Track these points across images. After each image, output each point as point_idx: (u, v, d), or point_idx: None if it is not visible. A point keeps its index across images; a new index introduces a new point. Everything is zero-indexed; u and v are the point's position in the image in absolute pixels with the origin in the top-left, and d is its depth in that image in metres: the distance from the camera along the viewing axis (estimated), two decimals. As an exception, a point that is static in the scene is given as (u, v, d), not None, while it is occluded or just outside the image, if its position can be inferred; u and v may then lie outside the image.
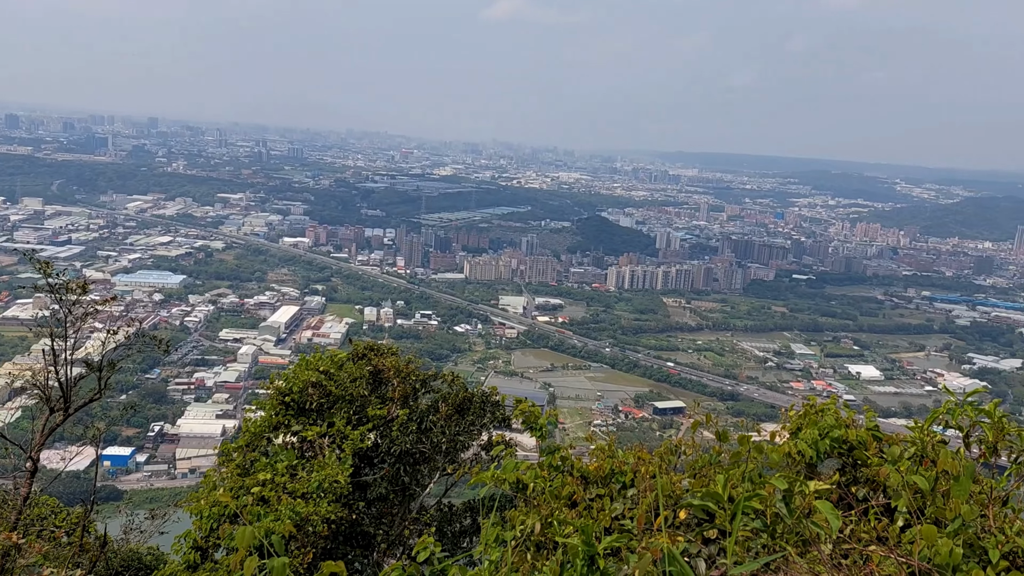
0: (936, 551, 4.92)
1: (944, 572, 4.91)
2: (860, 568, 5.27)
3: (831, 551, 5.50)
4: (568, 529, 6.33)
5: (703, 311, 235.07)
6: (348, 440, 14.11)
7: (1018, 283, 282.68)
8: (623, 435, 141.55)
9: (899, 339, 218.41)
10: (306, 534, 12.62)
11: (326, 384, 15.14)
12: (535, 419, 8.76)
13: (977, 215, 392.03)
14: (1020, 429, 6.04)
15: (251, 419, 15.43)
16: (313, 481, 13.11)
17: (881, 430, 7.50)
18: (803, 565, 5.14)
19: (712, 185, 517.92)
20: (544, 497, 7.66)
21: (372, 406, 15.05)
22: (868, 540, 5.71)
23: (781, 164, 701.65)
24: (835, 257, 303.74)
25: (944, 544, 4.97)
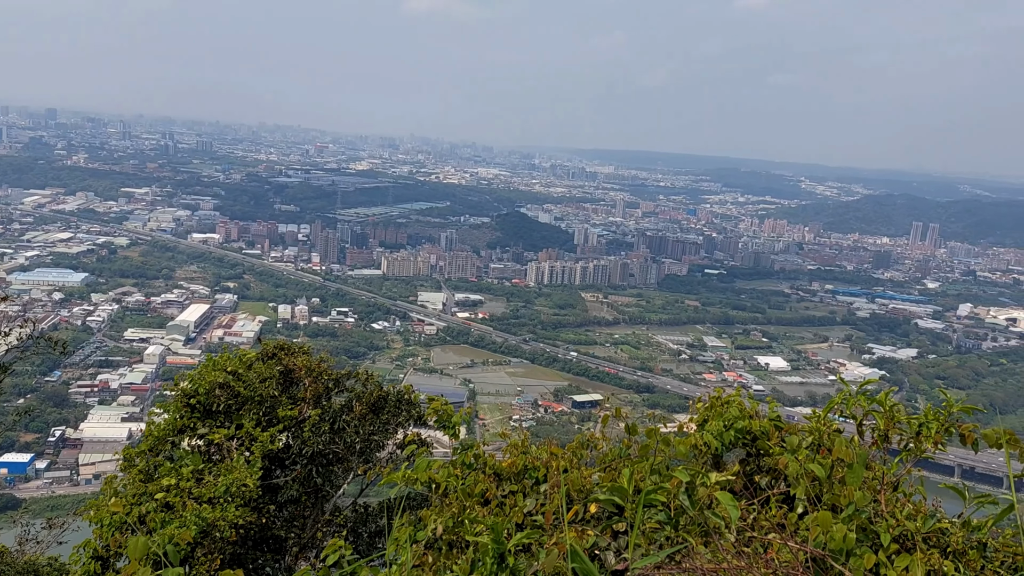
0: (831, 537, 5.08)
1: (838, 557, 5.08)
2: (761, 556, 5.40)
3: (735, 539, 5.63)
4: (479, 527, 6.29)
5: (620, 305, 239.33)
6: (257, 442, 13.69)
7: (913, 276, 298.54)
8: (543, 429, 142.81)
9: (804, 331, 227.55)
10: (213, 540, 12.20)
11: (234, 385, 14.64)
12: (448, 417, 8.67)
13: (875, 212, 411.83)
14: (910, 417, 6.31)
15: (154, 422, 14.80)
16: (220, 485, 12.68)
17: (783, 420, 7.74)
18: (706, 555, 5.24)
19: (628, 182, 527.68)
20: (456, 495, 7.59)
21: (283, 407, 14.64)
22: (769, 528, 5.87)
23: (694, 162, 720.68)
24: (745, 252, 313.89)
25: (838, 530, 5.14)
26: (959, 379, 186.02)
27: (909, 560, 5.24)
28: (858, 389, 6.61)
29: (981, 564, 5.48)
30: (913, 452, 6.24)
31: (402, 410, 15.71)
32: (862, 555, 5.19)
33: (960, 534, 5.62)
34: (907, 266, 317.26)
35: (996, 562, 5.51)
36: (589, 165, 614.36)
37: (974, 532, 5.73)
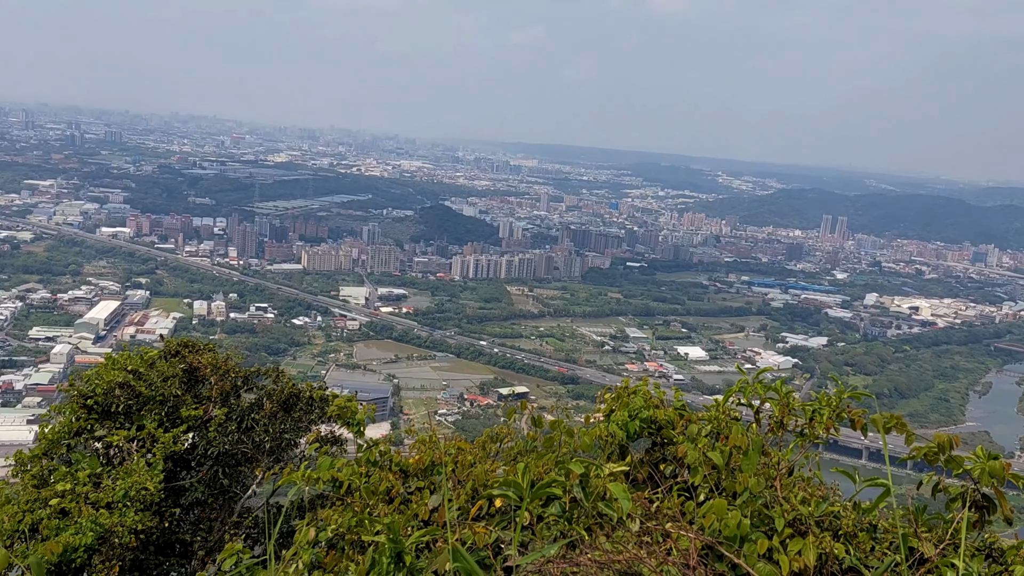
0: (725, 524, 5.13)
1: (732, 544, 5.13)
2: (660, 545, 5.42)
3: (638, 529, 5.64)
4: (379, 526, 6.13)
5: (545, 298, 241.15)
6: (159, 444, 13.15)
7: (823, 267, 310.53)
8: (468, 423, 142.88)
9: (722, 321, 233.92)
10: (111, 547, 11.69)
11: (135, 384, 14.02)
12: (352, 415, 8.45)
13: (788, 205, 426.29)
14: (804, 403, 6.44)
15: (48, 425, 14.05)
16: (119, 489, 12.13)
17: (688, 408, 7.82)
18: (606, 545, 5.22)
19: (552, 176, 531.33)
20: (359, 494, 7.41)
21: (187, 406, 14.09)
22: (670, 516, 5.90)
23: (616, 157, 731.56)
24: (665, 245, 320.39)
25: (733, 516, 5.19)
26: (866, 365, 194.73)
27: (802, 544, 5.34)
28: (755, 377, 6.71)
29: (871, 545, 5.63)
30: (808, 437, 6.38)
31: (315, 408, 15.32)
32: (756, 540, 5.26)
33: (851, 517, 5.77)
34: (818, 257, 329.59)
35: (885, 543, 5.67)
36: (513, 158, 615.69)
37: (865, 514, 5.89)
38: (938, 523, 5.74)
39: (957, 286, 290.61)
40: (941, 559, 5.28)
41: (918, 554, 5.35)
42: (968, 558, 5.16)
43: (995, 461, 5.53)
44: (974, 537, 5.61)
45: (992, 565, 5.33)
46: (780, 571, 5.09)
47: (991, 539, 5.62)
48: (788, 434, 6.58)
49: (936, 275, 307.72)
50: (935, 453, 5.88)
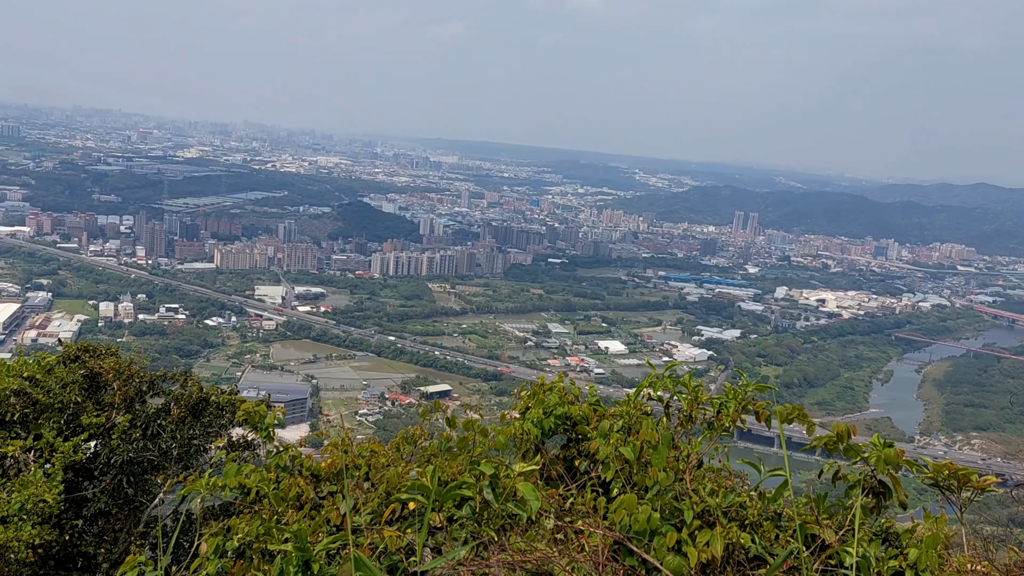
0: (635, 518, 5.18)
1: (642, 538, 5.18)
2: (573, 542, 5.43)
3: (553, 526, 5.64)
4: (287, 534, 5.95)
5: (467, 295, 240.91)
6: (59, 453, 12.48)
7: (736, 262, 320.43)
8: (390, 422, 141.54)
9: (641, 315, 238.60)
10: (7, 562, 11.08)
11: (31, 392, 13.28)
12: (260, 419, 8.19)
13: (702, 202, 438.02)
14: (711, 397, 6.57)
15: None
16: (14, 503, 11.48)
17: (603, 404, 7.88)
18: (519, 544, 5.19)
19: (472, 172, 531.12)
20: (268, 501, 7.18)
21: (88, 413, 13.43)
22: (583, 512, 5.93)
23: (536, 154, 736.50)
24: (585, 241, 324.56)
25: (643, 511, 5.25)
26: (777, 356, 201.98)
27: (710, 535, 5.44)
28: (665, 371, 6.81)
29: (775, 534, 5.79)
30: (716, 430, 6.51)
31: (225, 412, 14.83)
32: (666, 533, 5.33)
33: (756, 506, 5.91)
34: (731, 252, 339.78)
35: (788, 531, 5.83)
36: (433, 154, 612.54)
37: (770, 503, 6.05)
38: (838, 510, 5.94)
39: (860, 279, 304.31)
40: (841, 545, 5.46)
41: (819, 540, 5.52)
42: (865, 543, 5.35)
43: (890, 449, 5.76)
44: (871, 522, 5.82)
45: (888, 549, 5.55)
46: (688, 563, 5.18)
47: (887, 524, 5.85)
48: (697, 427, 6.71)
49: (841, 268, 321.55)
50: (835, 442, 6.08)
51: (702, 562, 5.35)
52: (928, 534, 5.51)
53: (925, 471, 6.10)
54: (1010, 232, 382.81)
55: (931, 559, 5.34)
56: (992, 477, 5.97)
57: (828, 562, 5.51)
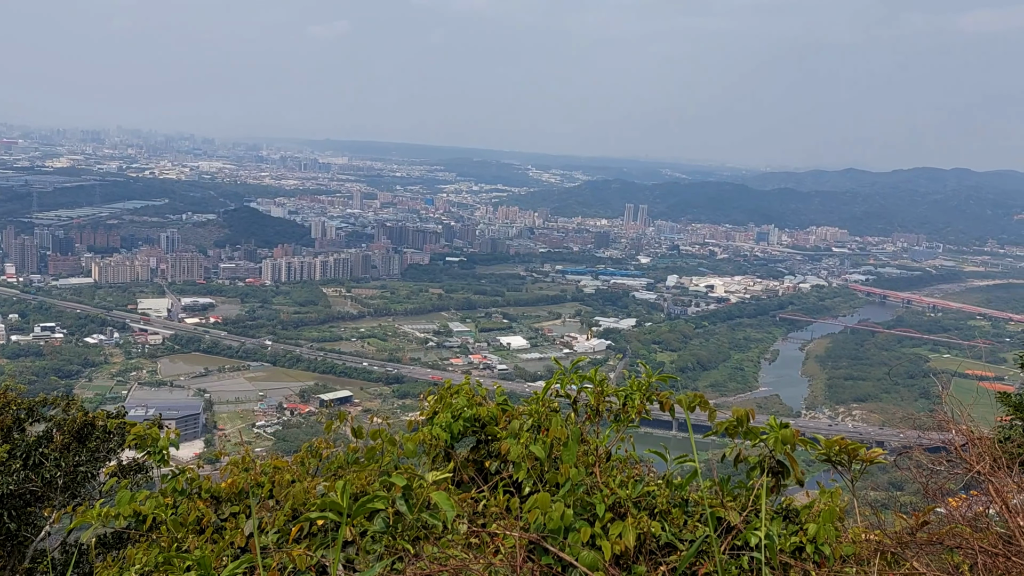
0: (549, 517, 5.20)
1: (557, 536, 5.21)
2: (488, 546, 5.40)
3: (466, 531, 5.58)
4: (189, 561, 5.66)
5: (364, 298, 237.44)
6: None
7: (629, 253, 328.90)
8: (290, 432, 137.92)
9: (540, 309, 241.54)
10: None
11: None
12: (153, 442, 7.76)
13: (594, 196, 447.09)
14: (617, 390, 6.68)
15: None
16: None
17: (510, 403, 7.88)
18: (434, 552, 5.12)
19: (364, 173, 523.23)
20: (166, 527, 6.81)
21: (-43, 448, 12.44)
22: (496, 514, 5.90)
23: (428, 152, 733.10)
24: (482, 239, 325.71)
25: (556, 508, 5.27)
26: (671, 342, 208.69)
27: (622, 527, 5.52)
28: (571, 367, 6.88)
29: (683, 520, 5.93)
30: (623, 422, 6.62)
31: (114, 435, 14.03)
32: (580, 529, 5.38)
33: (665, 494, 6.05)
34: (624, 244, 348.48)
35: (696, 516, 5.99)
36: (322, 156, 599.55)
37: (677, 490, 6.20)
38: (741, 491, 6.15)
39: (745, 264, 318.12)
40: (746, 526, 5.66)
41: (725, 523, 5.70)
42: (768, 522, 5.56)
43: (786, 429, 6.01)
44: (773, 501, 6.06)
45: (789, 525, 5.78)
46: (603, 556, 5.24)
47: (787, 501, 6.11)
48: (604, 419, 6.80)
49: (727, 255, 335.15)
50: (735, 426, 6.30)
51: (616, 554, 5.43)
52: (825, 508, 5.78)
53: (818, 448, 6.39)
54: (878, 214, 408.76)
55: (828, 532, 5.60)
56: (879, 450, 6.32)
57: (735, 543, 5.70)
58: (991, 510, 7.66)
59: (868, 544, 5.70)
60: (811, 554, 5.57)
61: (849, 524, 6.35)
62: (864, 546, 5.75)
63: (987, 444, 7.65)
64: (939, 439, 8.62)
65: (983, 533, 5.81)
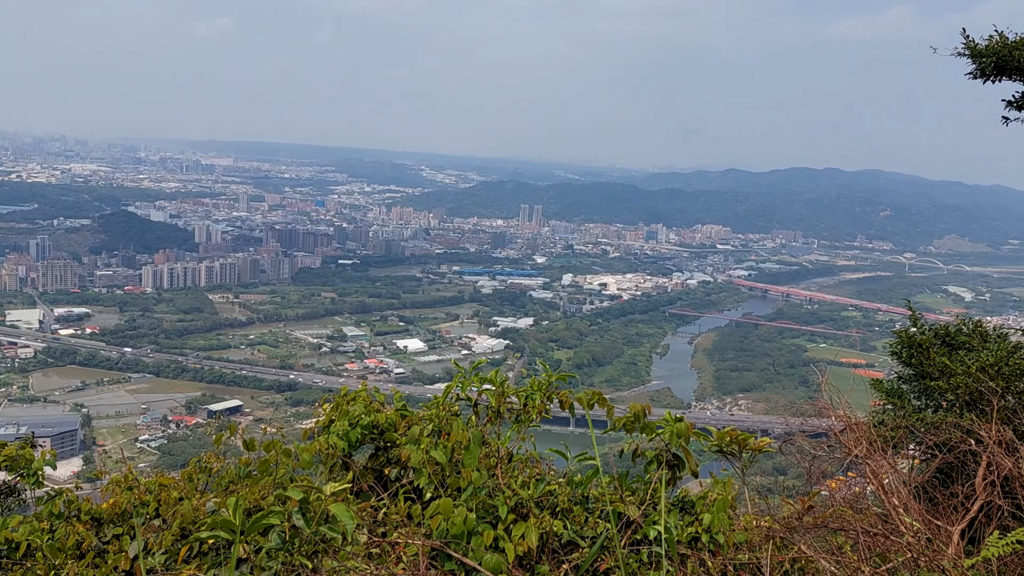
0: (452, 522, 5.15)
1: (460, 540, 5.17)
2: (390, 555, 5.30)
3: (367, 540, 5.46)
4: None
5: (253, 304, 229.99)
6: None
7: (525, 253, 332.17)
8: (176, 446, 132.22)
9: (437, 311, 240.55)
10: None
11: None
12: (26, 462, 7.23)
13: (489, 197, 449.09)
14: (518, 391, 6.70)
15: None
16: None
17: (410, 408, 7.77)
18: (334, 564, 4.98)
19: (250, 175, 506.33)
20: (42, 554, 6.35)
21: None
22: (398, 523, 5.80)
23: (317, 153, 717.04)
24: (376, 241, 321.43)
25: (459, 513, 5.23)
26: (568, 340, 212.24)
27: (525, 527, 5.53)
28: (471, 369, 6.85)
29: (585, 517, 6.01)
30: (524, 423, 6.65)
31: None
32: (483, 532, 5.35)
33: (566, 492, 6.10)
34: (520, 244, 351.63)
35: (596, 512, 6.08)
36: (205, 157, 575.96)
37: (578, 488, 6.27)
38: (640, 485, 6.29)
39: (636, 262, 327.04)
40: (645, 519, 5.78)
41: (625, 518, 5.81)
42: (666, 514, 5.70)
43: (681, 423, 6.18)
44: (669, 493, 6.22)
45: (685, 516, 5.95)
46: (506, 559, 5.24)
47: (683, 493, 6.29)
48: (506, 420, 6.80)
49: (619, 253, 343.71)
50: (632, 421, 6.43)
51: (519, 555, 5.44)
52: (718, 498, 5.98)
53: (711, 439, 6.61)
54: (758, 212, 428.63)
55: (722, 521, 5.80)
56: (767, 439, 6.60)
57: (635, 537, 5.82)
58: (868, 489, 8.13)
59: (759, 530, 5.94)
60: (706, 543, 5.75)
61: (741, 512, 6.60)
62: (755, 532, 5.98)
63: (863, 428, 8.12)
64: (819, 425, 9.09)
65: (863, 514, 6.16)
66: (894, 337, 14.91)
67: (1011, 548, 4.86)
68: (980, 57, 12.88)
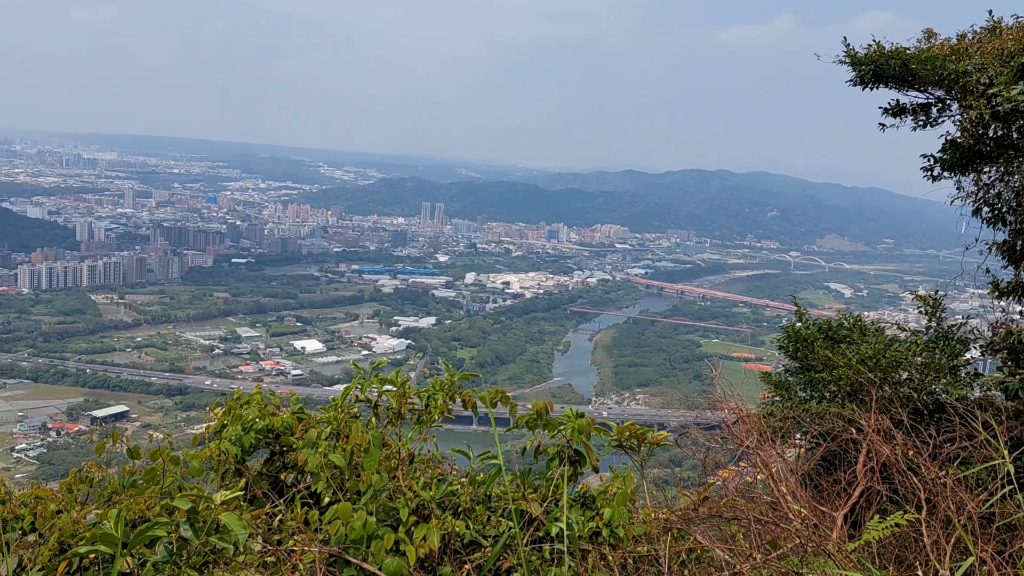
0: (351, 527, 5.02)
1: (360, 545, 5.04)
2: (286, 563, 5.12)
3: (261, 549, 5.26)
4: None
5: (140, 305, 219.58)
6: None
7: (427, 252, 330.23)
8: (56, 455, 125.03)
9: (336, 311, 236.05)
10: None
11: None
12: None
13: (390, 194, 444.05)
14: (419, 391, 6.61)
15: None
16: None
17: (306, 410, 7.54)
18: None
19: (136, 170, 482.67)
20: None
21: None
22: (295, 529, 5.62)
23: (209, 148, 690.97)
24: (272, 239, 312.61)
25: (358, 517, 5.11)
26: (471, 339, 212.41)
27: (426, 529, 5.46)
28: (371, 370, 6.71)
29: (487, 516, 5.98)
30: (425, 423, 6.56)
31: None
32: (383, 536, 5.25)
33: (468, 492, 6.06)
34: (421, 243, 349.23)
35: (499, 511, 6.07)
36: (87, 151, 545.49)
37: (480, 487, 6.24)
38: (542, 482, 6.31)
39: (538, 261, 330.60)
40: (547, 516, 5.80)
41: (527, 515, 5.82)
42: (567, 510, 5.74)
43: (582, 419, 6.25)
44: (571, 489, 6.27)
45: (586, 512, 6.02)
46: (407, 562, 5.15)
47: (584, 488, 6.35)
48: (407, 421, 6.70)
49: (521, 252, 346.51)
50: (535, 419, 6.45)
51: (420, 557, 5.36)
52: (618, 492, 6.08)
53: (611, 435, 6.71)
54: (654, 212, 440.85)
55: (622, 515, 5.89)
56: (664, 433, 6.76)
57: (537, 534, 5.83)
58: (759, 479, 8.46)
59: (657, 522, 6.07)
60: (607, 537, 5.83)
61: (640, 505, 6.74)
62: (654, 525, 6.11)
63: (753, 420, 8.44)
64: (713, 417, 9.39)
65: (754, 503, 6.39)
66: (781, 332, 15.58)
67: (890, 531, 5.13)
68: (859, 65, 13.59)
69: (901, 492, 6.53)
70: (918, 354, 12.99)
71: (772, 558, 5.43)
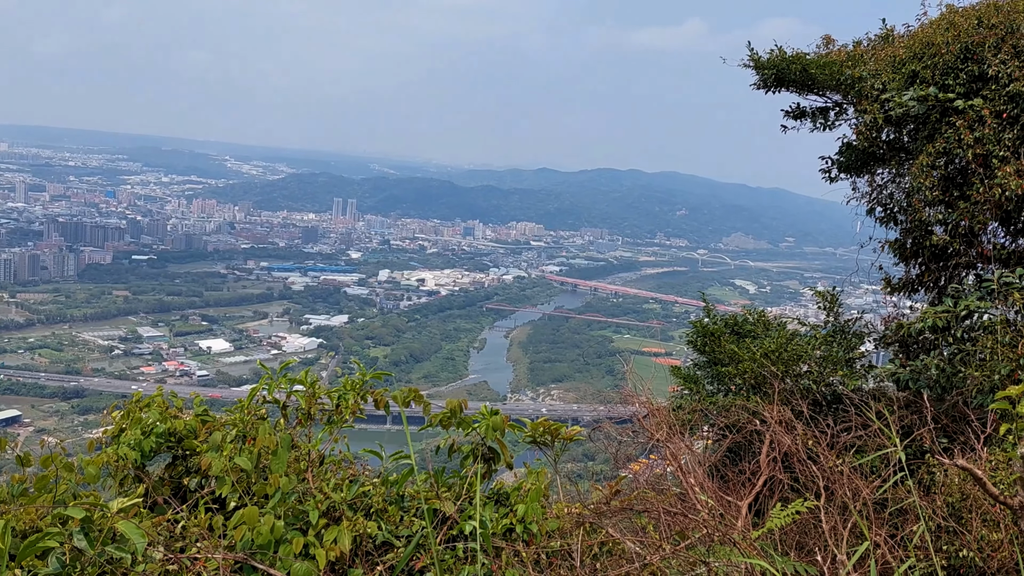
0: (258, 532, 4.87)
1: (268, 550, 4.90)
2: (189, 570, 4.93)
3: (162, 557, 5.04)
4: None
5: (33, 304, 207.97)
6: None
7: (339, 248, 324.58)
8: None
9: (244, 309, 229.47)
10: None
11: None
12: None
13: (300, 190, 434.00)
14: (330, 391, 6.47)
15: None
16: None
17: (211, 412, 7.29)
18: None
19: (28, 162, 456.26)
20: None
21: None
22: (199, 535, 5.42)
23: (107, 140, 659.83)
24: (175, 235, 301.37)
25: (266, 522, 4.96)
26: (384, 337, 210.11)
27: (337, 531, 5.35)
28: (280, 370, 6.53)
29: (400, 516, 5.91)
30: (336, 424, 6.43)
31: None
32: (292, 540, 5.12)
33: (380, 493, 5.98)
34: (333, 239, 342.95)
35: (412, 511, 6.01)
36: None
37: (393, 487, 6.16)
38: (456, 481, 6.28)
39: (454, 258, 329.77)
40: (460, 514, 5.78)
41: (441, 514, 5.77)
42: (481, 508, 5.73)
43: (496, 417, 6.24)
44: (485, 487, 6.27)
45: (500, 509, 6.02)
46: (317, 565, 5.04)
47: (498, 485, 6.36)
48: (318, 422, 6.56)
49: (436, 249, 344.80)
50: (449, 417, 6.41)
51: (331, 560, 5.25)
52: (532, 488, 6.10)
53: (525, 431, 6.74)
54: (568, 210, 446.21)
55: (535, 511, 5.92)
56: (577, 428, 6.84)
57: (450, 533, 5.80)
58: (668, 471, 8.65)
59: (570, 517, 6.13)
60: (520, 534, 5.84)
61: (553, 500, 6.79)
62: (567, 519, 6.17)
63: (663, 413, 8.63)
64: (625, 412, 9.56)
65: (664, 495, 6.53)
66: (690, 327, 16.01)
67: (791, 518, 5.33)
68: (763, 69, 14.09)
69: (802, 480, 6.81)
70: (817, 347, 13.58)
71: (680, 548, 5.56)
